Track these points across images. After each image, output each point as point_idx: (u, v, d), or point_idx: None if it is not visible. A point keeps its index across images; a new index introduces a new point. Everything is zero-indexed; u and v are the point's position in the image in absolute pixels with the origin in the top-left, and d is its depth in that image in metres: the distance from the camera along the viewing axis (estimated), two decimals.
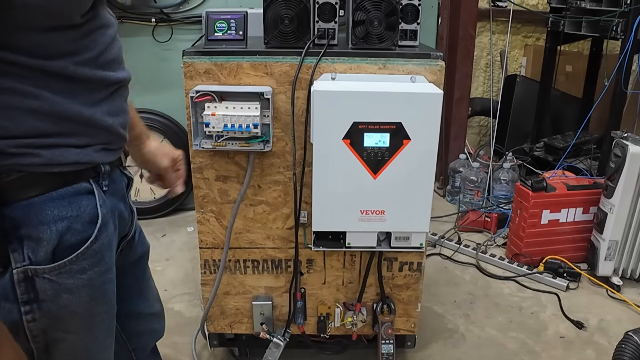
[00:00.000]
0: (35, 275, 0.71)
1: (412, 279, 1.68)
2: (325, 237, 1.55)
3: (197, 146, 1.43)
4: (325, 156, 1.41)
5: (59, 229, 0.72)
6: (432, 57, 1.44)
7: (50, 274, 0.72)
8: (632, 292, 2.38)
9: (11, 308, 0.69)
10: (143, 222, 2.91)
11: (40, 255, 0.71)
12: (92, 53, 0.71)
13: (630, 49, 2.58)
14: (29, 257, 0.70)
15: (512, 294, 2.38)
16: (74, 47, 0.69)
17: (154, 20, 2.77)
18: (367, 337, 1.77)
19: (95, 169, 0.78)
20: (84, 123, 0.73)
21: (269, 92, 1.40)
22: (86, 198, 0.76)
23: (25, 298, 0.70)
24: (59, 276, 0.73)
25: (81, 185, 0.75)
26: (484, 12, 3.43)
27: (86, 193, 0.76)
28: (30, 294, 0.70)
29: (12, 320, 0.70)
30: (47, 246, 0.71)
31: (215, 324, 1.73)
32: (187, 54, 1.43)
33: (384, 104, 1.36)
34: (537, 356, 1.98)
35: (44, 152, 0.69)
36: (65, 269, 0.73)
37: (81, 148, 0.73)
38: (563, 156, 2.90)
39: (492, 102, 3.40)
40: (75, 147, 0.72)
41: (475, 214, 2.99)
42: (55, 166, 0.70)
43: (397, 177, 1.43)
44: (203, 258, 1.64)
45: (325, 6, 1.44)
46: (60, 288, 0.74)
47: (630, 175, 2.25)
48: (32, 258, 0.70)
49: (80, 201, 0.75)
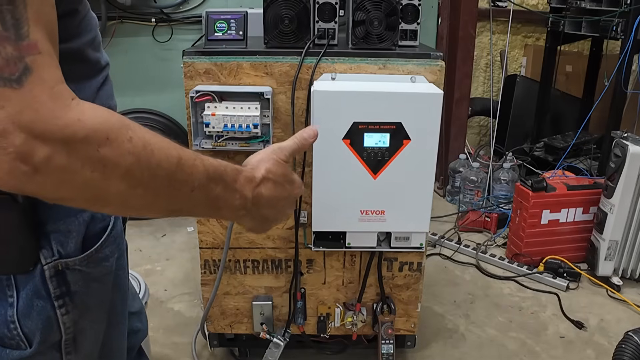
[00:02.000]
0: (66, 268, 0.71)
1: (412, 279, 1.68)
2: (325, 237, 1.55)
3: (197, 146, 1.43)
4: (325, 156, 1.41)
5: (85, 218, 0.72)
6: (432, 57, 1.44)
7: (80, 264, 0.73)
8: (632, 292, 2.38)
9: (44, 305, 0.70)
10: (143, 222, 2.92)
11: (70, 247, 0.71)
12: (90, 35, 0.72)
13: (630, 49, 2.58)
14: (59, 251, 0.70)
15: (512, 294, 2.38)
16: (78, 30, 0.69)
17: (154, 20, 2.77)
18: (367, 337, 1.78)
19: None
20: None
21: (269, 92, 1.40)
22: None
23: (57, 292, 0.71)
24: (87, 266, 0.74)
25: None
26: (484, 12, 3.43)
27: None
28: (62, 287, 0.71)
29: (46, 316, 0.70)
30: (76, 237, 0.72)
31: (215, 324, 1.73)
32: (187, 54, 1.43)
33: (384, 104, 1.36)
34: (537, 356, 1.98)
35: None
36: (92, 258, 0.74)
37: None
38: (563, 156, 2.90)
39: (492, 102, 3.40)
40: None
41: (475, 214, 2.99)
42: None
43: (397, 177, 1.43)
44: (203, 258, 1.64)
45: (325, 6, 1.44)
46: (90, 277, 0.75)
47: (630, 175, 2.25)
48: (62, 251, 0.71)
49: None
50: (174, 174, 0.62)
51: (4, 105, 0.49)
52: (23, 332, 0.69)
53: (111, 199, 0.57)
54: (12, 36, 0.50)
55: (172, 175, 0.61)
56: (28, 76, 0.51)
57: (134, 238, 2.71)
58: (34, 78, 0.52)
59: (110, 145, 0.56)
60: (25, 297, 0.68)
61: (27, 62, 0.51)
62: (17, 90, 0.50)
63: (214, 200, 0.67)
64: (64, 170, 0.52)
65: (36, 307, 0.69)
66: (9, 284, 0.68)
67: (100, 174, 0.55)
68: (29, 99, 0.51)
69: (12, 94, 0.50)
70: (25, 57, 0.51)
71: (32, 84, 0.51)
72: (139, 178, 0.58)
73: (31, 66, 0.52)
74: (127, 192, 0.57)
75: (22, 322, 0.69)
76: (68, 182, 0.53)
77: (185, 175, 0.63)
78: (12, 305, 0.68)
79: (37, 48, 0.52)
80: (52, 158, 0.51)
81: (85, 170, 0.53)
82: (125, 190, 0.57)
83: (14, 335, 0.69)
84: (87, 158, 0.54)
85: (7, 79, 0.49)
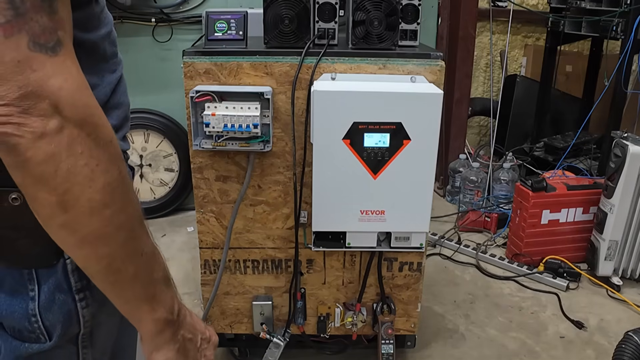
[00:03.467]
0: None
1: (412, 279, 1.68)
2: (325, 237, 1.55)
3: (197, 146, 1.43)
4: (325, 156, 1.41)
5: None
6: (432, 57, 1.44)
7: None
8: (632, 292, 2.38)
9: (65, 298, 0.71)
10: None
11: None
12: (108, 28, 0.73)
13: (630, 49, 2.58)
14: None
15: (512, 294, 2.38)
16: (99, 20, 0.70)
17: (154, 20, 2.77)
18: (367, 337, 1.77)
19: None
20: (114, 106, 0.74)
21: (269, 92, 1.40)
22: None
23: (79, 286, 0.71)
24: None
25: None
26: (484, 12, 3.43)
27: None
28: (83, 280, 0.71)
29: (67, 310, 0.71)
30: None
31: (215, 324, 1.73)
32: (187, 54, 1.43)
33: (384, 104, 1.36)
34: (537, 356, 1.98)
35: None
36: None
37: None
38: (563, 156, 2.90)
39: (492, 102, 3.40)
40: None
41: (475, 214, 2.99)
42: None
43: (397, 177, 1.43)
44: (203, 258, 1.64)
45: (325, 6, 1.44)
46: None
47: (630, 175, 2.25)
48: None
49: None
50: (139, 219, 0.63)
51: (37, 69, 0.51)
52: (44, 325, 0.70)
53: (80, 204, 0.56)
54: (47, 8, 0.52)
55: (138, 219, 0.62)
56: (62, 48, 0.53)
57: None
58: (66, 51, 0.54)
59: (114, 149, 0.58)
60: (47, 291, 0.69)
61: (59, 35, 0.53)
62: (52, 57, 0.52)
63: (153, 282, 0.67)
64: (65, 147, 0.53)
65: (58, 300, 0.70)
66: (30, 277, 0.68)
67: (89, 171, 0.55)
68: (63, 68, 0.53)
69: (47, 60, 0.52)
70: (58, 29, 0.53)
71: (65, 56, 0.54)
72: (116, 197, 0.58)
73: (62, 40, 0.54)
74: (98, 206, 0.57)
75: (43, 316, 0.69)
76: (57, 162, 0.53)
77: (144, 230, 0.64)
78: (33, 299, 0.69)
79: (64, 26, 0.54)
80: (61, 130, 0.52)
81: (80, 159, 0.54)
82: (99, 201, 0.56)
83: (34, 329, 0.70)
84: (89, 147, 0.55)
85: (44, 45, 0.52)
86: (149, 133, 2.93)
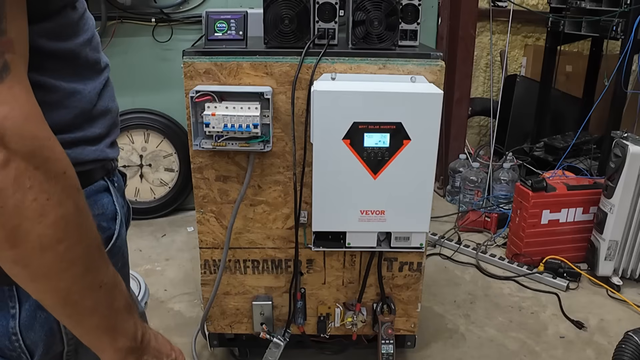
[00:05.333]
0: None
1: (412, 279, 1.68)
2: (325, 237, 1.55)
3: (197, 146, 1.43)
4: (325, 156, 1.41)
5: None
6: (432, 57, 1.44)
7: None
8: (632, 292, 2.38)
9: (47, 316, 0.67)
10: (143, 222, 2.92)
11: None
12: (88, 34, 0.71)
13: (630, 49, 2.58)
14: None
15: (512, 294, 2.38)
16: (77, 28, 0.68)
17: (154, 20, 2.77)
18: (367, 337, 1.77)
19: (106, 165, 0.78)
20: (100, 113, 0.73)
21: (269, 92, 1.40)
22: (105, 195, 0.76)
23: None
24: None
25: (100, 183, 0.75)
26: (484, 12, 3.43)
27: (104, 190, 0.76)
28: None
29: (49, 328, 0.69)
30: None
31: (215, 324, 1.73)
32: (187, 54, 1.43)
33: (384, 104, 1.36)
34: (537, 356, 1.98)
35: (68, 151, 0.69)
36: None
37: (96, 144, 0.73)
38: (563, 156, 2.90)
39: (492, 102, 3.40)
40: (90, 144, 0.72)
41: (475, 214, 2.99)
42: (78, 165, 0.70)
43: (397, 177, 1.43)
44: (203, 258, 1.64)
45: (325, 6, 1.44)
46: None
47: (630, 175, 2.25)
48: None
49: (102, 199, 0.75)
50: (98, 250, 0.60)
51: None
52: (25, 344, 0.67)
53: (30, 240, 0.52)
54: None
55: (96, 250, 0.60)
56: (8, 73, 0.49)
57: (134, 238, 2.71)
58: (14, 76, 0.50)
59: (68, 181, 0.54)
60: (28, 309, 0.66)
61: (6, 59, 0.49)
62: None
63: (114, 313, 0.65)
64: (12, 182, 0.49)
65: (39, 318, 0.68)
66: (11, 295, 0.66)
67: (39, 205, 0.52)
68: (8, 96, 0.49)
69: None
70: (5, 53, 0.49)
71: (12, 82, 0.50)
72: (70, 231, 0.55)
73: (10, 64, 0.50)
74: (50, 241, 0.53)
75: (24, 334, 0.67)
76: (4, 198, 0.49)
77: (103, 261, 0.62)
78: (14, 316, 0.66)
79: (13, 47, 0.50)
80: (7, 164, 0.49)
81: (29, 193, 0.50)
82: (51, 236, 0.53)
83: (15, 347, 0.67)
84: (38, 181, 0.51)
85: None
86: (149, 133, 2.93)
